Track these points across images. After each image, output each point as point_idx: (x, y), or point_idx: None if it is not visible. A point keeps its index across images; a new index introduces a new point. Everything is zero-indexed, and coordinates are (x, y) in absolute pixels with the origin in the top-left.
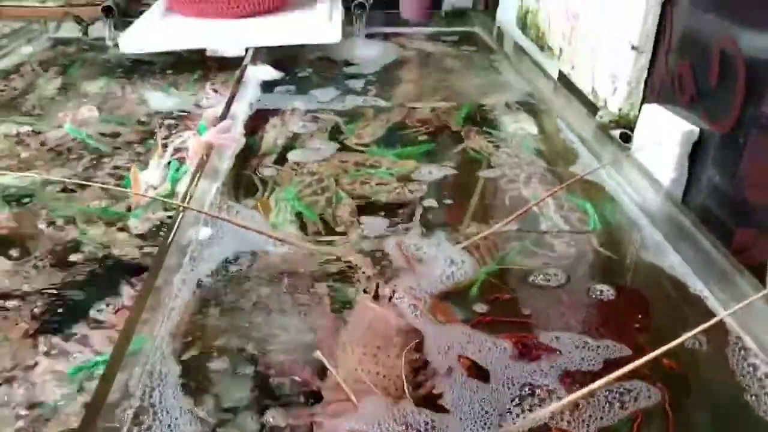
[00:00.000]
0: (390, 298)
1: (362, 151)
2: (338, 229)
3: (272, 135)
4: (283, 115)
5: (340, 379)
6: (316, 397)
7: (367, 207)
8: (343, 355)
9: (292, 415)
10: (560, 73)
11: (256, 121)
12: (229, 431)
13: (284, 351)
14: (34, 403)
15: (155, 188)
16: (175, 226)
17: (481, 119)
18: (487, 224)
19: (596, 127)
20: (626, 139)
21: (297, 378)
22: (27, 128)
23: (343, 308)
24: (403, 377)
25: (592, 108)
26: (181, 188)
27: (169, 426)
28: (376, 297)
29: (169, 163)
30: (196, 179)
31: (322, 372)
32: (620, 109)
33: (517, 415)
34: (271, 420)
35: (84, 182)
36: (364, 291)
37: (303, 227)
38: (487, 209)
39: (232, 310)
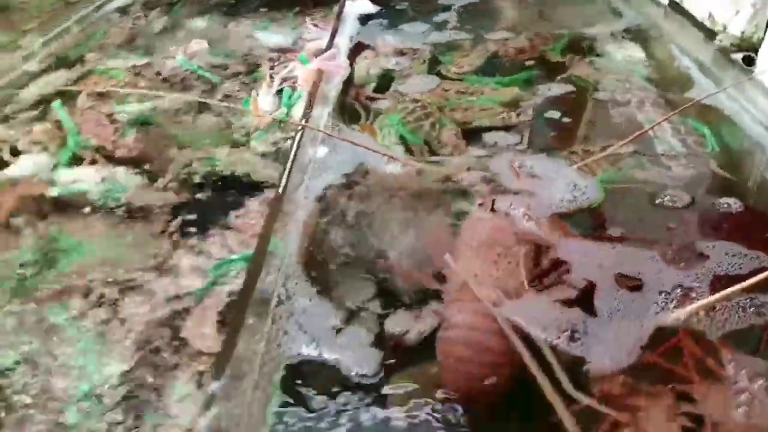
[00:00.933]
0: (507, 213)
1: (461, 80)
2: (444, 152)
3: (372, 66)
4: (382, 47)
5: (469, 278)
6: (437, 298)
7: (471, 132)
8: (463, 262)
9: (416, 313)
10: (671, 0)
11: (357, 52)
12: (358, 329)
13: (403, 257)
14: (181, 293)
15: (271, 114)
16: (295, 145)
17: (584, 48)
18: (599, 147)
19: (715, 51)
20: (749, 62)
21: (418, 280)
22: (143, 61)
23: (458, 220)
24: (525, 282)
25: (708, 33)
26: (294, 113)
27: (299, 324)
28: (493, 210)
29: (279, 90)
30: (311, 103)
31: (440, 277)
32: (743, 32)
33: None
34: (394, 318)
35: (225, 103)
36: (480, 205)
37: (408, 150)
38: (598, 132)
39: (351, 220)
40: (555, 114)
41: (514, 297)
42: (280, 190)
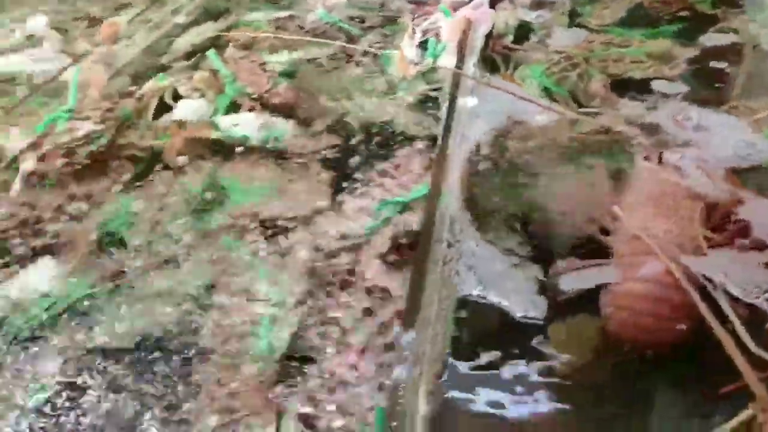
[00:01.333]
0: (676, 166)
1: (605, 32)
2: (592, 104)
3: (510, 16)
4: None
5: (641, 232)
6: (602, 250)
7: (622, 83)
8: (630, 215)
9: (578, 264)
10: None
11: (495, 2)
12: (521, 276)
13: (563, 207)
14: (348, 232)
15: (416, 64)
16: (448, 95)
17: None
18: (762, 102)
19: None
20: None
21: (581, 231)
22: (284, 14)
23: (619, 173)
24: (701, 237)
25: None
26: (439, 63)
27: (468, 266)
28: (660, 163)
29: (424, 41)
30: (462, 52)
31: (604, 230)
32: None
33: None
34: (556, 269)
35: (374, 50)
36: (645, 158)
37: (553, 102)
38: (759, 87)
39: (508, 170)
40: (711, 67)
41: (691, 253)
42: (440, 138)
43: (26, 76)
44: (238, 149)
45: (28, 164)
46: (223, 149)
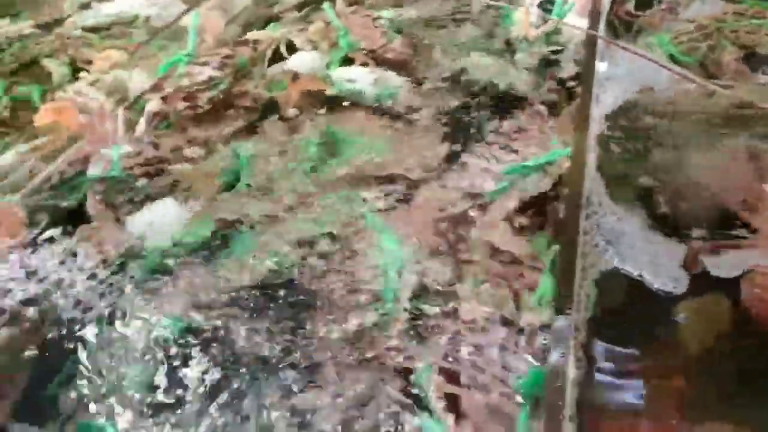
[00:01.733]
0: None
1: (738, 2)
2: (724, 77)
3: None
4: None
5: None
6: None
7: (756, 57)
8: None
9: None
10: None
11: None
12: (661, 249)
13: (705, 181)
14: (472, 192)
15: (537, 27)
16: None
17: None
18: None
19: None
20: None
21: (726, 207)
22: None
23: (764, 150)
24: None
25: None
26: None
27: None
28: None
29: (546, 1)
30: (597, 12)
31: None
32: None
33: None
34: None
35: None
36: None
37: None
38: None
39: (645, 139)
40: None
41: None
42: (572, 103)
43: (143, 20)
44: (347, 103)
45: (153, 104)
46: (336, 103)
